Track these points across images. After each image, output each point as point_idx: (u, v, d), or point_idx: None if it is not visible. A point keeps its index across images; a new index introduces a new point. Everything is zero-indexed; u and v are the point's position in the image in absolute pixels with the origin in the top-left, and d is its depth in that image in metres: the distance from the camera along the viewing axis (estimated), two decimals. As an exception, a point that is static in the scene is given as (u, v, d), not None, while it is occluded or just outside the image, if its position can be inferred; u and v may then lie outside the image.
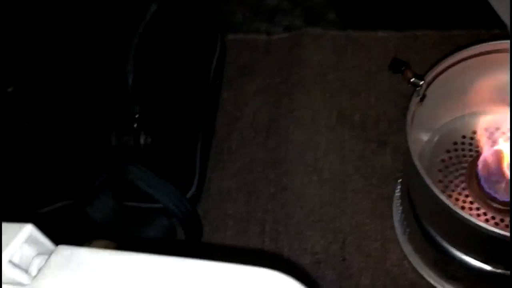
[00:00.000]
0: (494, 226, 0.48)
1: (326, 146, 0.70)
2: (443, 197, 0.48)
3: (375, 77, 0.74)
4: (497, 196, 0.55)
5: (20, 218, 0.29)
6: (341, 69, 0.75)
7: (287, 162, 0.69)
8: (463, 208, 0.56)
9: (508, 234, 0.47)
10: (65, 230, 0.48)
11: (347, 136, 0.70)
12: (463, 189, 0.58)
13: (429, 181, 0.50)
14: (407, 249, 0.61)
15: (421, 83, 0.54)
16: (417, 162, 0.51)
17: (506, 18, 0.77)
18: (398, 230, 0.63)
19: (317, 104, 0.73)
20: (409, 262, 0.61)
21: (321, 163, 0.68)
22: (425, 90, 0.54)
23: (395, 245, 0.62)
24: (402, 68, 0.54)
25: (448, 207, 0.48)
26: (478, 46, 0.57)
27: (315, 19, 0.81)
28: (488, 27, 0.77)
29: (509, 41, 0.57)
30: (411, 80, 0.54)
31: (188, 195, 0.62)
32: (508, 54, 0.56)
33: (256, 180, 0.67)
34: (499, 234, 0.46)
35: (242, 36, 0.80)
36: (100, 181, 0.54)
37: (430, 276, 0.59)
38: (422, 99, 0.54)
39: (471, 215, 0.54)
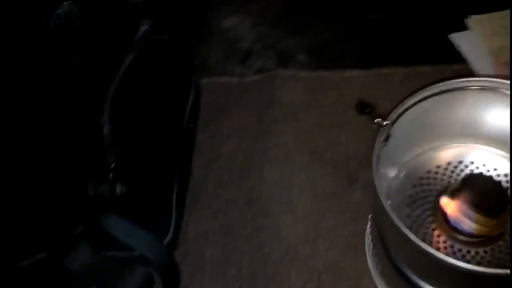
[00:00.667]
0: (461, 260, 0.50)
1: (299, 184, 0.72)
2: (409, 233, 0.51)
3: (344, 116, 0.77)
4: (463, 229, 0.57)
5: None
6: (312, 109, 0.78)
7: (262, 202, 0.70)
8: (430, 242, 0.58)
9: (473, 267, 0.49)
10: (43, 284, 0.49)
11: (319, 174, 0.72)
12: (430, 222, 0.60)
13: (394, 218, 0.52)
14: (380, 284, 0.63)
15: (385, 123, 0.57)
16: (383, 199, 0.53)
17: (467, 54, 0.81)
18: (371, 265, 0.64)
19: (291, 143, 0.76)
20: (382, 296, 0.62)
21: (295, 202, 0.70)
22: (389, 129, 0.57)
23: (368, 280, 0.64)
24: (367, 110, 0.57)
25: (415, 243, 0.51)
26: (437, 85, 0.60)
27: (287, 61, 0.84)
28: (450, 62, 0.81)
29: (466, 79, 0.60)
30: (375, 121, 0.56)
31: (166, 241, 0.64)
32: (463, 92, 0.59)
33: (233, 221, 0.69)
34: (465, 268, 0.49)
35: (216, 79, 0.83)
36: (78, 231, 0.55)
37: (403, 310, 0.61)
38: (386, 139, 0.57)
39: (438, 248, 0.57)
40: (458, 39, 0.83)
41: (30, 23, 0.63)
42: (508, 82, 0.58)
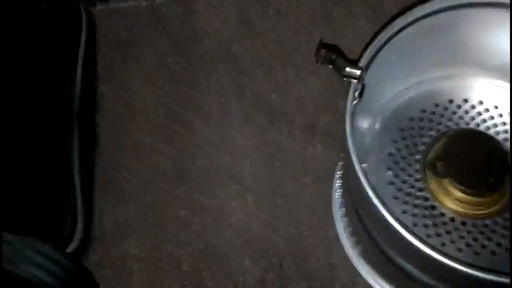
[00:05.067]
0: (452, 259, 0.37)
1: (243, 142, 0.56)
2: (394, 222, 0.37)
3: (291, 44, 0.59)
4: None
5: None
6: (248, 37, 0.60)
7: (197, 172, 0.54)
8: (423, 216, 0.45)
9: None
10: None
11: (266, 125, 0.56)
12: (421, 190, 0.46)
13: (376, 201, 0.38)
14: (358, 262, 0.50)
15: (358, 73, 0.40)
16: (361, 175, 0.39)
17: None
18: (344, 239, 0.51)
19: (225, 87, 0.58)
20: (363, 279, 0.50)
21: (239, 166, 0.55)
22: (364, 79, 0.41)
23: (342, 259, 0.51)
24: (333, 57, 0.40)
25: (401, 234, 0.37)
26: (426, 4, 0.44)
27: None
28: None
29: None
30: (345, 72, 0.40)
31: (72, 247, 0.47)
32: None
33: (161, 202, 0.53)
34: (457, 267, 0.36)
35: (116, 4, 0.62)
36: None
37: (389, 295, 0.49)
38: (361, 93, 0.41)
39: (435, 225, 0.44)
40: None
41: None
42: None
